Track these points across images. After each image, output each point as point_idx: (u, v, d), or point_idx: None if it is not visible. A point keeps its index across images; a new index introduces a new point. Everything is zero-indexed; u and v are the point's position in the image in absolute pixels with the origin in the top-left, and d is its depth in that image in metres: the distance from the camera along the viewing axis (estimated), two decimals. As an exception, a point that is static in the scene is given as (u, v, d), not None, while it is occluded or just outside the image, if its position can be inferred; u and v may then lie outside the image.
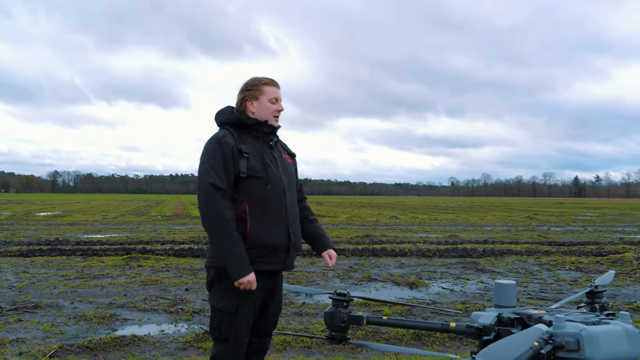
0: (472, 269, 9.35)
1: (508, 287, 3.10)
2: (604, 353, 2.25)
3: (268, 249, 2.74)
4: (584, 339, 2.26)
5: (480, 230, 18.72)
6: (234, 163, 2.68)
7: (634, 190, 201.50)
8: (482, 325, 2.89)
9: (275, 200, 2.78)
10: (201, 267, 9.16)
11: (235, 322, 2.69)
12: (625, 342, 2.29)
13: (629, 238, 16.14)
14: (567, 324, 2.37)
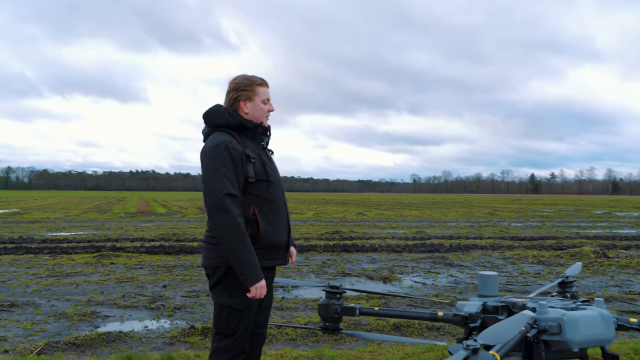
0: (441, 264, 9.67)
1: (491, 278, 3.33)
2: (582, 335, 2.49)
3: (275, 247, 2.86)
4: (565, 323, 2.50)
5: (445, 226, 19.23)
6: (243, 169, 2.73)
7: (587, 187, 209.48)
8: (468, 314, 3.10)
9: (278, 201, 2.90)
10: (175, 264, 9.16)
11: (244, 318, 2.79)
12: (601, 326, 2.54)
13: (585, 233, 16.91)
14: (550, 310, 2.60)
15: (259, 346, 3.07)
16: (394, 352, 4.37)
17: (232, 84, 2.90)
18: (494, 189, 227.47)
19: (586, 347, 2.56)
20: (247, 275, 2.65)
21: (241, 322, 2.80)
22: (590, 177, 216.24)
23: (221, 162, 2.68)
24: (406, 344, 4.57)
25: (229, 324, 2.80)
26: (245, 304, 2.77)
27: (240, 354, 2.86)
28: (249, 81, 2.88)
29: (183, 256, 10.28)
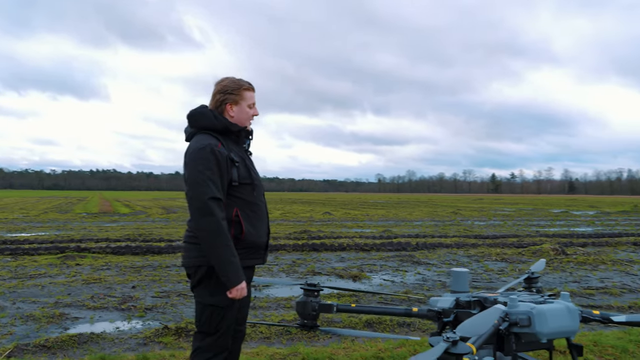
0: (408, 262, 9.87)
1: (462, 275, 3.47)
2: (550, 327, 2.64)
3: (256, 247, 2.92)
4: (534, 316, 2.64)
5: (410, 225, 19.55)
6: (228, 173, 2.78)
7: (545, 187, 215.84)
8: (442, 309, 3.23)
9: (260, 203, 2.95)
10: (143, 265, 9.05)
11: (226, 316, 2.84)
12: (567, 318, 2.70)
13: (544, 231, 17.50)
14: (520, 303, 2.74)
15: (239, 343, 3.12)
16: (367, 348, 4.47)
17: (219, 86, 2.93)
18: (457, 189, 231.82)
19: (553, 338, 2.71)
20: (230, 276, 2.69)
21: (224, 320, 2.84)
22: (548, 177, 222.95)
23: (206, 166, 2.71)
24: (379, 340, 4.68)
25: (212, 322, 2.84)
26: (227, 302, 2.81)
27: (222, 352, 2.90)
28: (236, 85, 2.92)
29: (150, 257, 10.15)
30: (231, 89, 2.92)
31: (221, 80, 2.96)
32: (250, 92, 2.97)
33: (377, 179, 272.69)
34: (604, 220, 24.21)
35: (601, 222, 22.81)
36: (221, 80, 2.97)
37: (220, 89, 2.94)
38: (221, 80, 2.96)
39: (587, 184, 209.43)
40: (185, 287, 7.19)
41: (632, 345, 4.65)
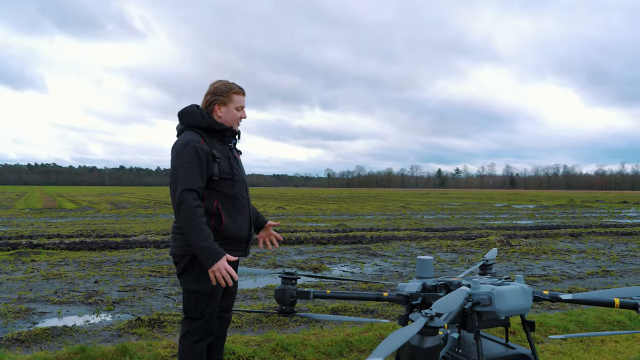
0: (365, 254, 10.25)
1: (427, 262, 3.78)
2: (508, 305, 2.99)
3: (236, 239, 3.11)
4: (494, 296, 2.98)
5: (363, 219, 20.05)
6: (208, 167, 2.95)
7: (487, 182, 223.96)
8: (410, 293, 3.53)
9: (241, 198, 3.15)
10: (102, 260, 8.99)
11: (210, 302, 3.03)
12: (522, 297, 3.05)
13: (490, 224, 18.40)
14: (482, 285, 3.08)
15: (225, 328, 3.33)
16: (335, 333, 4.75)
17: (211, 87, 3.12)
18: (404, 184, 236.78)
19: (510, 315, 3.06)
20: (207, 256, 2.81)
21: (208, 306, 3.04)
22: (490, 173, 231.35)
23: (186, 160, 2.89)
24: (346, 326, 4.98)
25: (197, 307, 3.02)
26: (210, 289, 3.00)
27: (209, 335, 3.10)
28: (226, 88, 3.10)
29: (108, 252, 10.06)
30: (221, 91, 3.10)
31: (214, 82, 3.15)
32: (239, 95, 3.15)
33: (326, 174, 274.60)
34: (543, 214, 25.61)
35: (541, 215, 24.13)
36: (215, 82, 3.16)
37: (211, 90, 3.12)
38: (214, 82, 3.15)
39: (527, 179, 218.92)
40: (148, 281, 7.25)
41: (572, 325, 5.15)
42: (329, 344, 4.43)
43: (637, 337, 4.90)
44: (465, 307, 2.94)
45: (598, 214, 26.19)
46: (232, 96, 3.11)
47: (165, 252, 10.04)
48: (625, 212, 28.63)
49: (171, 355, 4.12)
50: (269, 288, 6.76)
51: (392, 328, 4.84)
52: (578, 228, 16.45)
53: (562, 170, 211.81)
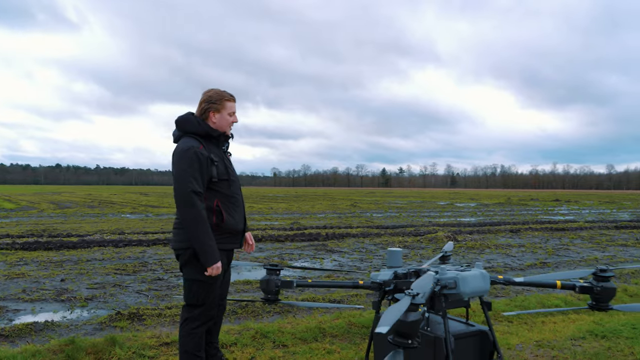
0: (322, 250, 10.68)
1: (397, 253, 4.26)
2: (471, 288, 3.48)
3: (234, 233, 3.45)
4: (459, 280, 3.47)
5: (315, 217, 20.51)
6: (207, 170, 3.28)
7: (429, 181, 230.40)
8: (383, 281, 3.98)
9: (237, 196, 3.50)
10: (62, 260, 8.96)
11: (210, 290, 3.35)
12: (481, 281, 3.56)
13: (436, 221, 19.30)
14: (448, 271, 3.56)
15: (221, 315, 3.65)
16: (309, 321, 5.14)
17: (204, 96, 3.44)
18: (350, 183, 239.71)
19: (472, 296, 3.57)
20: (208, 258, 3.21)
21: (209, 294, 3.36)
22: (432, 172, 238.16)
23: (189, 164, 3.22)
24: (317, 315, 5.37)
25: (199, 295, 3.35)
26: (211, 279, 3.33)
27: (209, 321, 3.42)
28: (219, 96, 3.43)
29: (66, 251, 9.99)
30: (214, 99, 3.43)
31: (207, 91, 3.47)
32: (231, 102, 3.49)
33: (272, 173, 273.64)
34: (484, 211, 26.98)
35: (482, 213, 25.44)
36: (207, 90, 3.47)
37: (205, 98, 3.44)
38: (207, 91, 3.47)
39: (467, 178, 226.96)
40: (115, 279, 7.37)
41: (516, 309, 5.76)
42: (304, 331, 4.81)
43: (572, 318, 5.56)
44: (435, 290, 3.42)
45: (533, 211, 27.86)
46: (225, 103, 3.44)
47: (126, 251, 10.08)
48: (557, 209, 30.57)
49: (157, 345, 4.37)
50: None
51: (360, 316, 5.29)
52: (517, 224, 17.58)
53: (500, 170, 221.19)
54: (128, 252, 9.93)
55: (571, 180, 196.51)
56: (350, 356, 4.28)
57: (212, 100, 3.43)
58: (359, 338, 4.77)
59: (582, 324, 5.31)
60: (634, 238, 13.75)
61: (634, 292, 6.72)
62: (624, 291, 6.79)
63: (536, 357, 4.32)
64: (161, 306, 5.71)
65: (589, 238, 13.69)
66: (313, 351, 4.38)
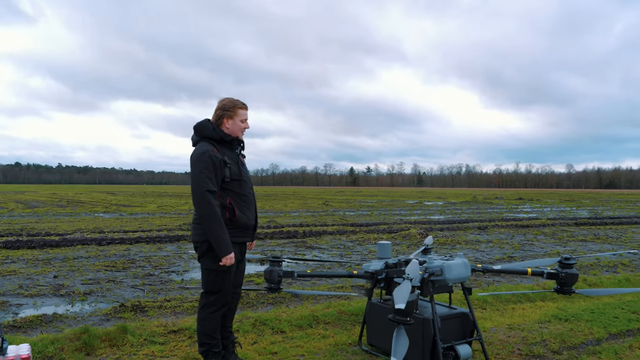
0: (302, 247, 11.10)
1: (387, 245, 4.73)
2: (454, 274, 3.97)
3: (246, 227, 3.85)
4: (444, 268, 3.96)
5: (290, 216, 20.90)
6: (221, 172, 3.68)
7: (397, 180, 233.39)
8: (375, 270, 4.44)
9: (248, 194, 3.89)
10: (48, 257, 9.12)
11: (226, 278, 3.74)
12: (463, 269, 4.06)
13: (407, 219, 19.96)
14: (435, 260, 4.05)
15: (236, 302, 4.03)
16: (302, 310, 5.56)
17: (219, 104, 3.85)
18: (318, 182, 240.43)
19: (455, 282, 4.06)
20: (222, 249, 3.61)
21: (225, 282, 3.75)
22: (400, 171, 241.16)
23: (204, 166, 3.63)
24: (308, 305, 5.80)
25: (216, 283, 3.73)
26: (226, 267, 3.72)
27: (224, 306, 3.80)
28: (232, 104, 3.84)
29: (50, 250, 10.13)
30: (228, 107, 3.83)
31: (222, 100, 3.87)
32: (243, 110, 3.88)
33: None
34: (452, 209, 27.88)
35: (450, 211, 26.30)
36: (222, 99, 3.88)
37: (220, 106, 3.85)
38: (222, 100, 3.87)
39: (433, 177, 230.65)
40: (107, 275, 7.62)
41: (490, 298, 6.32)
42: (299, 318, 5.23)
43: (539, 305, 6.15)
44: (423, 276, 3.89)
45: (499, 209, 28.93)
46: (237, 111, 3.84)
47: (110, 249, 10.28)
48: (521, 207, 31.79)
49: (166, 332, 4.72)
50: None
51: (348, 305, 5.74)
52: (483, 222, 18.38)
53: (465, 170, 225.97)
54: (113, 250, 10.13)
55: (533, 180, 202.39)
56: (344, 340, 4.72)
57: (225, 108, 3.82)
58: (349, 324, 5.21)
59: (547, 310, 5.90)
60: (592, 234, 14.66)
61: (592, 282, 7.38)
62: (584, 281, 7.46)
63: (508, 337, 4.85)
64: (160, 299, 6.03)
65: (551, 234, 14.53)
66: (309, 336, 4.81)
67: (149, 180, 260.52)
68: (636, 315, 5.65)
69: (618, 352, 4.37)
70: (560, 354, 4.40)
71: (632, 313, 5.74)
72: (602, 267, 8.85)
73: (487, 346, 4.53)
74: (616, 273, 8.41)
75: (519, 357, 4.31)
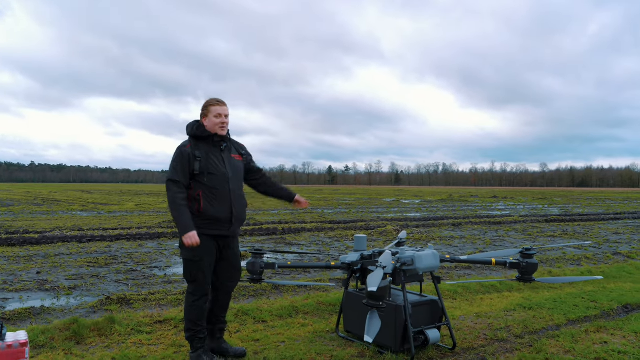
0: (282, 243, 11.35)
1: (363, 238, 5.02)
2: (424, 264, 4.29)
3: (215, 220, 4.02)
4: (415, 258, 4.27)
5: (269, 214, 21.10)
6: (190, 164, 3.93)
7: (375, 178, 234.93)
8: (351, 262, 4.72)
9: (220, 188, 4.05)
10: (29, 254, 9.20)
11: (199, 268, 3.94)
12: (433, 259, 4.37)
13: (384, 216, 20.35)
14: (406, 252, 4.35)
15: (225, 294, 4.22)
16: (282, 301, 5.82)
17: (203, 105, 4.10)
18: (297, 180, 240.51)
19: (425, 272, 4.37)
20: (180, 229, 3.82)
21: (198, 272, 3.95)
22: (377, 170, 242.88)
23: (174, 159, 3.96)
24: (288, 297, 6.07)
25: (190, 272, 3.96)
26: (198, 257, 3.94)
27: (202, 297, 4.00)
28: (206, 103, 4.11)
29: (31, 247, 10.18)
30: (203, 107, 4.13)
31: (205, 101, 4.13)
32: (214, 106, 4.07)
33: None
34: (428, 207, 28.41)
35: (426, 209, 26.82)
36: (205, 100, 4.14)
37: (202, 106, 4.10)
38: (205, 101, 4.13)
39: (410, 176, 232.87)
40: (90, 271, 7.77)
41: (460, 289, 6.67)
42: (280, 309, 5.49)
43: (505, 295, 6.53)
44: (396, 266, 4.20)
45: (473, 207, 29.59)
46: (209, 108, 4.08)
47: (91, 246, 10.38)
48: (495, 205, 32.53)
49: (152, 322, 4.93)
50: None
51: (326, 296, 6.02)
52: (458, 219, 18.87)
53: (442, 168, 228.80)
54: (94, 247, 10.24)
55: (508, 178, 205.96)
56: (322, 328, 5.00)
57: (202, 107, 4.12)
58: (327, 314, 5.49)
59: (513, 299, 6.28)
60: (561, 230, 15.23)
61: (557, 274, 7.81)
62: (549, 273, 7.88)
63: (476, 324, 5.20)
64: (144, 292, 6.23)
65: (522, 230, 15.06)
66: (289, 325, 5.07)
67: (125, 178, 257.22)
68: (595, 303, 6.06)
69: (575, 336, 4.74)
70: (523, 338, 4.75)
71: (592, 302, 6.15)
72: (567, 260, 9.32)
73: (456, 332, 4.86)
74: (580, 266, 8.87)
75: (485, 341, 4.65)
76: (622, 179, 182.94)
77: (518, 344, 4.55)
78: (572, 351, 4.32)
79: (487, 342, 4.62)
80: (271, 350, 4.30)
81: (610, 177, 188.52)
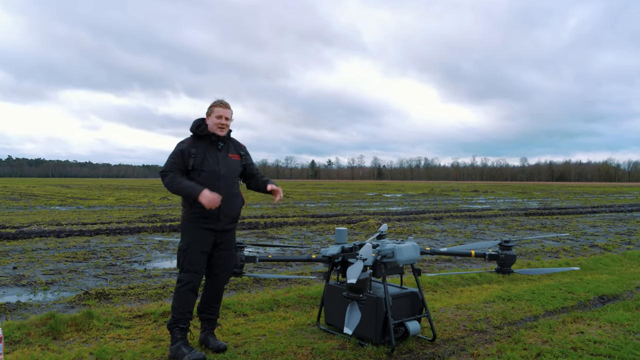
0: (264, 237, 11.32)
1: (343, 231, 5.03)
2: (404, 256, 4.31)
3: (203, 214, 4.04)
4: (395, 251, 4.28)
5: (251, 208, 21.04)
6: (184, 160, 4.02)
7: (357, 173, 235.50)
8: (332, 255, 4.73)
9: (209, 184, 4.08)
10: (6, 250, 9.03)
11: (188, 257, 3.96)
12: (413, 252, 4.39)
13: (366, 210, 20.42)
14: (387, 244, 4.37)
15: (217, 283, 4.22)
16: (263, 295, 5.81)
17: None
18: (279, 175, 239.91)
19: (406, 264, 4.39)
20: (191, 194, 3.90)
21: (185, 260, 3.98)
22: (360, 164, 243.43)
23: (172, 154, 4.08)
24: (269, 290, 6.05)
25: (179, 261, 4.04)
26: (184, 247, 3.98)
27: (188, 284, 4.01)
28: (212, 103, 4.21)
29: (7, 242, 10.00)
30: (209, 106, 4.24)
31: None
32: (217, 107, 4.17)
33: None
34: (410, 201, 28.60)
35: (408, 203, 26.99)
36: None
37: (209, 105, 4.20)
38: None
39: (393, 170, 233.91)
40: (68, 265, 7.66)
41: (440, 282, 6.73)
42: (261, 302, 5.48)
43: (485, 287, 6.60)
44: (376, 259, 4.21)
45: (454, 201, 29.86)
46: (213, 108, 4.20)
47: (69, 241, 10.23)
48: (476, 199, 32.88)
49: (131, 317, 4.88)
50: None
51: (307, 289, 6.02)
52: (439, 213, 19.02)
53: (423, 163, 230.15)
54: (72, 242, 10.09)
55: (489, 172, 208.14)
56: (303, 321, 4.99)
57: (209, 107, 4.23)
58: (308, 307, 5.50)
59: (492, 291, 6.35)
60: (539, 223, 15.45)
61: (535, 266, 7.92)
62: (528, 265, 7.99)
63: (456, 315, 5.24)
64: (124, 287, 6.15)
65: (502, 224, 15.24)
66: (270, 318, 5.06)
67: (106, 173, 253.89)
68: (572, 294, 6.16)
69: (552, 326, 4.81)
70: (501, 328, 4.81)
71: (569, 293, 6.25)
72: (546, 252, 9.46)
73: (436, 323, 4.90)
74: (557, 258, 9.02)
75: (464, 332, 4.70)
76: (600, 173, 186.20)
77: (497, 335, 4.60)
78: (549, 341, 4.38)
79: (467, 334, 4.67)
80: (252, 344, 4.29)
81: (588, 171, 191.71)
